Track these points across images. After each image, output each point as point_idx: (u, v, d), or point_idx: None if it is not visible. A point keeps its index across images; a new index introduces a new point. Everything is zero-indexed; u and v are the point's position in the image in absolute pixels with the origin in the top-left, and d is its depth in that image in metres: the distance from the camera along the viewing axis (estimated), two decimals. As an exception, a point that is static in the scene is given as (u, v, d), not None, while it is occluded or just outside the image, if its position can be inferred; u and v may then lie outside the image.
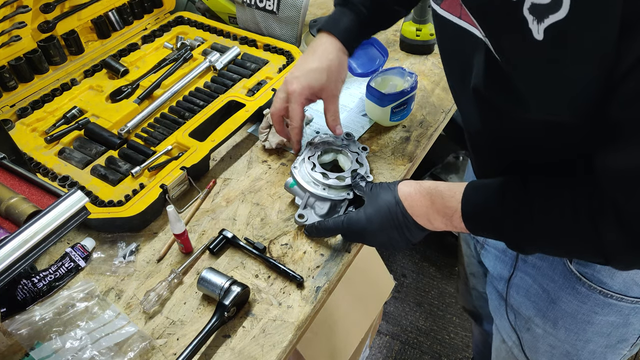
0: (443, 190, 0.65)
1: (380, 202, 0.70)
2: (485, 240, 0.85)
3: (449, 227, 0.65)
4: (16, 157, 0.79)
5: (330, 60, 0.81)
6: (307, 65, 0.82)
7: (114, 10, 1.20)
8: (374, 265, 1.33)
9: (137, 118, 1.00)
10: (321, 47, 0.83)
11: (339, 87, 0.84)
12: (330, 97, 0.83)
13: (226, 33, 1.23)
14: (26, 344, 0.69)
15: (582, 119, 0.48)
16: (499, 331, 0.88)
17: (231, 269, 0.79)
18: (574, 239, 0.54)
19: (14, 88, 1.04)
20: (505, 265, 0.80)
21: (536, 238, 0.57)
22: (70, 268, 0.79)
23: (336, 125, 0.85)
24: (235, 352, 0.69)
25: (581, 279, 0.68)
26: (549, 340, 0.77)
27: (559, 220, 0.54)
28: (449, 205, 0.64)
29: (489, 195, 0.61)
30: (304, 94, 0.81)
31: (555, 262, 0.71)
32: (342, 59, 0.83)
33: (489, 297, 0.86)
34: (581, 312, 0.70)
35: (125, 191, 0.86)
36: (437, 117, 1.04)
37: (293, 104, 0.82)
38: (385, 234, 0.69)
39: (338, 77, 0.83)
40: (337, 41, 0.82)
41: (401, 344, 1.76)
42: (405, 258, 2.02)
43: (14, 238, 0.57)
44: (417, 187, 0.68)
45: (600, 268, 0.66)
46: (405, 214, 0.67)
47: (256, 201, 0.89)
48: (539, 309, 0.75)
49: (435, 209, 0.65)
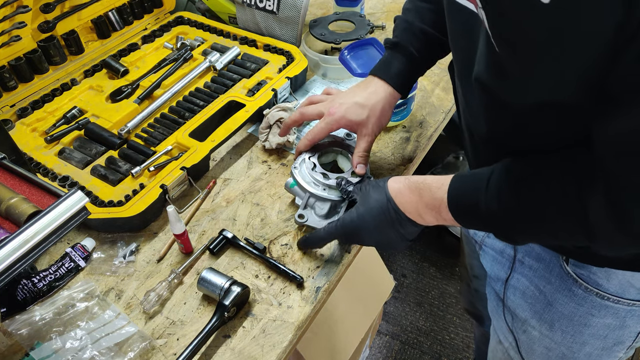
0: (431, 183, 0.64)
1: (371, 201, 0.70)
2: (482, 241, 0.85)
3: (439, 220, 0.64)
4: (16, 157, 0.79)
5: (376, 102, 0.81)
6: (355, 98, 0.82)
7: (114, 10, 1.20)
8: (374, 266, 1.33)
9: (137, 118, 1.00)
10: (372, 87, 0.83)
11: (375, 130, 0.83)
12: (364, 135, 0.82)
13: (226, 33, 1.23)
14: (26, 344, 0.69)
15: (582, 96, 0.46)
16: (496, 332, 0.88)
17: (231, 269, 0.79)
18: (559, 215, 0.52)
19: (14, 88, 1.04)
20: (503, 266, 0.80)
21: (523, 220, 0.55)
22: (70, 268, 0.79)
23: (359, 164, 0.82)
24: (235, 352, 0.69)
25: (577, 281, 0.68)
26: (545, 342, 0.77)
27: (545, 195, 0.52)
28: (436, 197, 0.63)
29: (474, 182, 0.59)
30: (341, 122, 0.82)
31: (551, 264, 0.71)
32: (391, 104, 0.83)
33: (488, 297, 0.86)
34: (577, 314, 0.70)
35: (125, 191, 0.86)
36: (437, 117, 1.04)
37: (323, 124, 0.83)
38: (379, 232, 0.69)
39: (378, 120, 0.82)
40: (388, 86, 0.83)
41: (401, 344, 1.76)
42: (405, 258, 2.02)
43: (14, 238, 0.57)
44: (405, 183, 0.68)
45: (596, 270, 0.66)
46: (397, 211, 0.67)
47: (256, 201, 0.89)
48: (535, 310, 0.75)
49: (424, 202, 0.65)
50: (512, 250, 0.77)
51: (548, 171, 0.53)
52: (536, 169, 0.54)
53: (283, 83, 1.04)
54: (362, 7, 1.29)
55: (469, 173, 0.62)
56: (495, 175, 0.57)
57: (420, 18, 0.83)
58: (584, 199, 0.49)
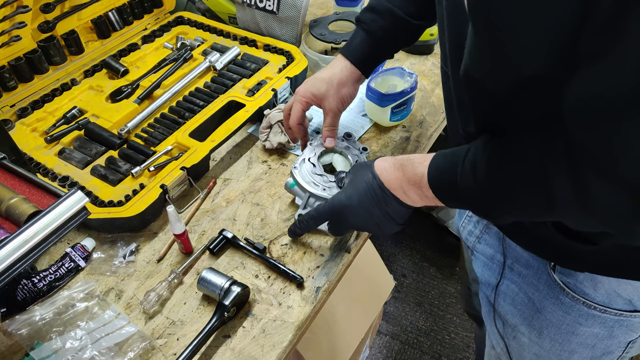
0: (414, 159, 0.65)
1: (358, 180, 0.70)
2: (474, 247, 0.85)
3: (422, 198, 0.64)
4: (16, 157, 0.79)
5: (333, 75, 0.85)
6: (319, 74, 0.87)
7: (114, 10, 1.20)
8: (374, 265, 1.33)
9: (137, 118, 1.00)
10: (334, 62, 0.87)
11: (338, 104, 0.85)
12: (327, 110, 0.85)
13: (226, 33, 1.23)
14: (26, 344, 0.69)
15: (559, 62, 0.45)
16: (489, 337, 0.88)
17: (231, 269, 0.79)
18: (525, 185, 0.51)
19: (14, 88, 1.04)
20: (493, 272, 0.79)
21: (495, 194, 0.55)
22: (70, 268, 0.79)
23: (328, 137, 0.87)
24: (235, 352, 0.69)
25: (564, 290, 0.67)
26: (534, 349, 0.77)
27: (513, 167, 0.52)
28: (417, 173, 0.63)
29: (453, 159, 0.59)
30: (306, 96, 0.86)
31: (539, 271, 0.70)
32: (348, 77, 0.85)
33: (481, 302, 0.86)
34: (565, 322, 0.70)
35: (125, 191, 0.86)
36: (437, 117, 1.04)
37: (293, 103, 0.88)
38: (366, 210, 0.68)
39: (337, 92, 0.84)
40: (345, 60, 0.85)
41: (401, 344, 1.76)
42: (405, 258, 2.02)
43: (14, 238, 0.57)
44: (392, 161, 0.68)
45: (583, 278, 0.65)
46: (382, 188, 0.67)
47: (256, 201, 0.89)
48: (524, 317, 0.75)
49: (407, 178, 0.64)
50: (502, 257, 0.77)
51: (517, 145, 0.52)
52: (507, 144, 0.54)
53: (283, 83, 1.04)
54: (362, 7, 1.29)
55: (450, 150, 0.61)
56: (472, 151, 0.57)
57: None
58: (547, 167, 0.48)
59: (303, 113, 0.87)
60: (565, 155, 0.46)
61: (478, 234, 0.83)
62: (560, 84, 0.45)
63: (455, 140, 0.73)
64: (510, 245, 0.74)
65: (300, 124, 0.88)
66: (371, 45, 0.84)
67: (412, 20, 0.83)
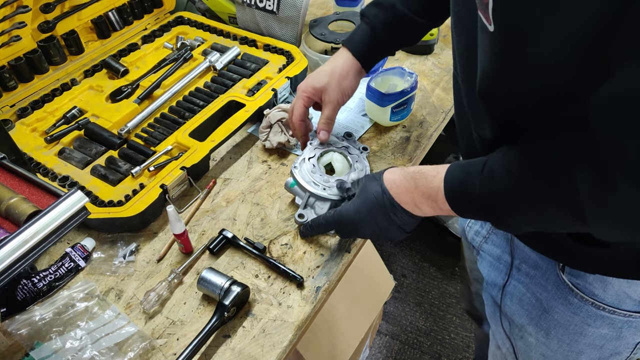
0: (427, 172, 0.64)
1: (367, 192, 0.70)
2: (480, 246, 0.85)
3: (436, 209, 0.64)
4: (16, 157, 0.79)
5: (335, 67, 0.84)
6: (322, 68, 0.87)
7: (114, 10, 1.20)
8: (374, 265, 1.33)
9: (137, 118, 1.00)
10: (336, 55, 0.87)
11: (338, 96, 0.84)
12: (327, 102, 0.85)
13: (226, 33, 1.23)
14: (26, 344, 0.69)
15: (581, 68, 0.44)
16: (495, 337, 0.88)
17: (231, 269, 0.79)
18: (553, 193, 0.50)
19: (14, 88, 1.04)
20: (500, 272, 0.79)
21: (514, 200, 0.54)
22: (70, 268, 0.79)
23: (322, 130, 0.86)
24: (235, 352, 0.69)
25: (573, 290, 0.67)
26: (541, 349, 0.76)
27: (535, 171, 0.51)
28: (432, 186, 0.62)
29: (471, 169, 0.59)
30: (307, 90, 0.85)
31: (548, 272, 0.70)
32: (349, 69, 0.84)
33: (485, 302, 0.86)
34: (573, 323, 0.70)
35: (125, 191, 0.86)
36: (437, 117, 1.04)
37: (295, 99, 0.87)
38: (374, 222, 0.69)
39: (338, 85, 0.84)
40: (347, 52, 0.85)
41: (401, 344, 1.76)
42: (405, 258, 2.02)
43: (14, 238, 0.57)
44: (401, 173, 0.67)
45: (592, 279, 0.65)
46: (392, 201, 0.67)
47: (256, 201, 0.89)
48: (532, 317, 0.75)
49: (420, 191, 0.64)
50: (509, 257, 0.77)
51: (540, 151, 0.52)
52: (528, 151, 0.53)
53: (283, 83, 1.04)
54: (362, 7, 1.29)
55: (466, 162, 0.61)
56: (490, 160, 0.57)
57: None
58: (574, 172, 0.47)
59: (305, 109, 0.87)
60: (593, 160, 0.45)
61: (485, 234, 0.83)
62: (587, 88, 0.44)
63: (466, 143, 0.73)
64: (518, 246, 0.74)
65: (302, 121, 0.88)
66: (373, 40, 0.85)
67: (415, 17, 0.83)
